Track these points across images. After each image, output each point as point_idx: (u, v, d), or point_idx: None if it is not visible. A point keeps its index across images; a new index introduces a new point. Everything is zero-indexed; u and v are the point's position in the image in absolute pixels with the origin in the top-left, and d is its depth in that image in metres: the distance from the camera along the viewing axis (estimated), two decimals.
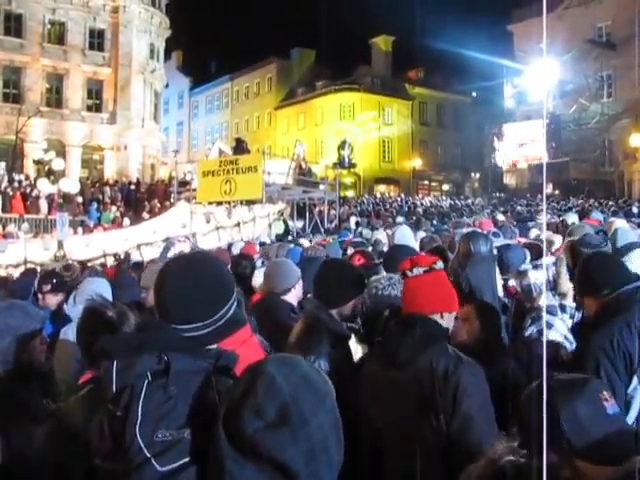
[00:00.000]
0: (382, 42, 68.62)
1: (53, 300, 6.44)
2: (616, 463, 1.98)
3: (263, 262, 9.05)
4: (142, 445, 1.90)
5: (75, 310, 4.70)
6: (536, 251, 6.64)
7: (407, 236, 8.54)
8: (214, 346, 2.22)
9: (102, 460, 2.04)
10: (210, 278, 2.27)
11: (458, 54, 51.84)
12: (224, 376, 2.07)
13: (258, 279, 6.30)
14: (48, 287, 6.57)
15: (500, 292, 4.40)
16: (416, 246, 7.95)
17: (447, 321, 3.31)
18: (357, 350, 4.04)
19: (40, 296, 6.53)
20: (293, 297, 5.37)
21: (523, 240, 9.35)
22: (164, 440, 1.91)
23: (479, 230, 7.75)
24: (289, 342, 3.89)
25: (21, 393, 3.08)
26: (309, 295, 5.15)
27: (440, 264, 3.45)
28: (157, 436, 1.91)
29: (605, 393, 2.21)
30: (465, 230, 8.07)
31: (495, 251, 6.29)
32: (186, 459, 1.91)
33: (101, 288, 5.25)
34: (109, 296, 5.01)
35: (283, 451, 1.63)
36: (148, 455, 1.89)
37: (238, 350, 2.27)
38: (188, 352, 2.09)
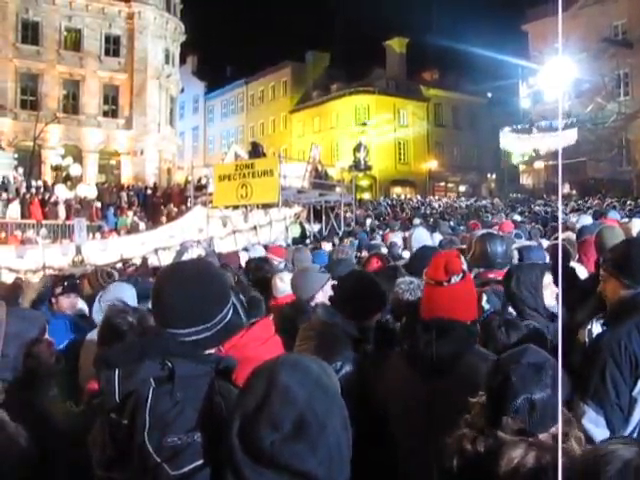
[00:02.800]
0: (396, 44, 68.51)
1: (66, 303, 6.43)
2: None
3: (285, 265, 9.03)
4: (151, 451, 1.91)
5: (100, 317, 4.69)
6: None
7: (424, 238, 8.51)
8: (212, 351, 2.27)
9: (105, 470, 2.05)
10: (207, 282, 2.30)
11: (473, 55, 51.78)
12: (225, 380, 2.12)
13: (281, 283, 6.25)
14: (60, 290, 6.56)
15: (550, 301, 4.25)
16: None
17: None
18: None
19: (54, 300, 6.52)
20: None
21: (545, 242, 9.21)
22: (174, 445, 1.91)
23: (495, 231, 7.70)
24: (303, 346, 3.85)
25: (32, 398, 3.08)
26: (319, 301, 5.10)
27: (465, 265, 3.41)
28: (166, 441, 1.92)
29: None
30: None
31: (516, 253, 6.24)
32: (198, 462, 1.91)
33: (126, 293, 5.22)
34: (134, 301, 4.96)
35: (303, 462, 1.66)
36: (158, 460, 1.90)
37: (258, 348, 2.38)
38: (190, 357, 2.12)
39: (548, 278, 4.28)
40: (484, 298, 4.38)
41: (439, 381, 3.03)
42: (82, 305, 6.58)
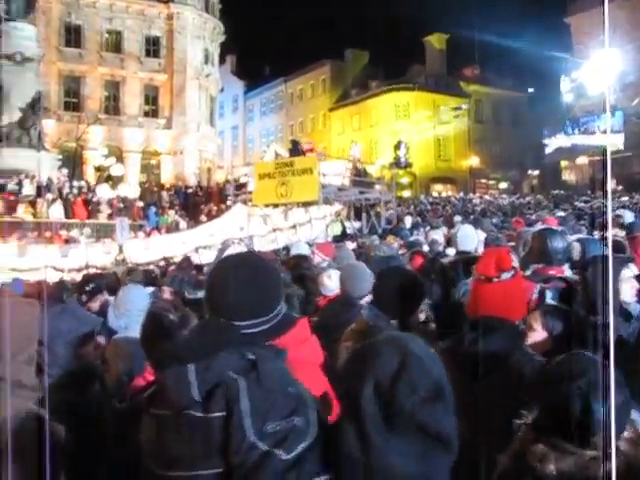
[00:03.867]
0: (436, 40, 68.08)
1: (95, 304, 6.42)
2: None
3: (328, 263, 8.94)
4: (256, 439, 1.90)
5: (119, 323, 4.51)
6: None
7: (470, 235, 8.35)
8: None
9: (166, 469, 1.99)
10: (265, 275, 2.34)
11: (514, 49, 51.27)
12: None
13: (328, 281, 6.14)
14: (88, 291, 6.58)
15: (629, 296, 4.06)
16: (480, 246, 7.77)
17: None
18: None
19: (83, 300, 6.52)
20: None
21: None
22: (276, 431, 1.92)
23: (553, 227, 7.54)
24: (346, 345, 3.77)
25: (76, 395, 3.10)
26: (364, 301, 5.01)
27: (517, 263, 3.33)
28: (267, 429, 1.92)
29: None
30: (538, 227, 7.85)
31: (577, 245, 6.08)
32: (306, 442, 1.93)
33: (138, 297, 4.99)
34: (144, 303, 4.80)
35: (440, 422, 1.84)
36: (265, 448, 1.90)
37: (298, 348, 2.31)
38: (261, 348, 2.13)
39: (629, 271, 4.11)
40: (548, 295, 4.24)
41: (484, 380, 2.97)
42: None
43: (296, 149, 28.97)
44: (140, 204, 33.51)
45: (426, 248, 10.10)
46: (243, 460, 1.89)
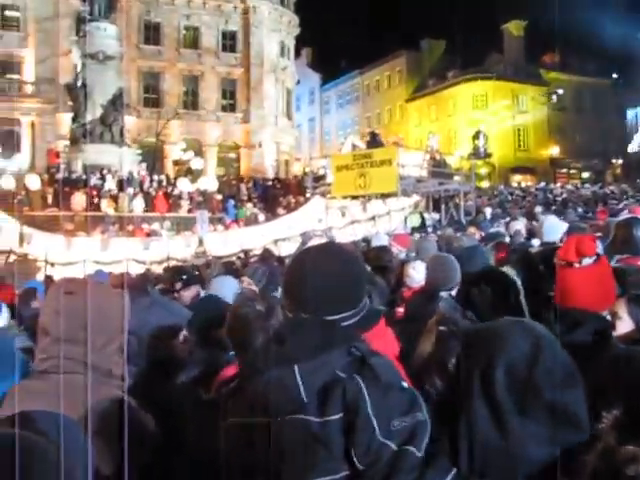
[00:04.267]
0: (514, 27, 66.73)
1: (187, 296, 6.44)
2: None
3: (407, 255, 8.81)
4: (385, 439, 1.81)
5: None
6: None
7: (555, 226, 8.08)
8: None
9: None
10: (352, 265, 2.25)
11: (595, 34, 49.71)
12: None
13: (413, 272, 6.03)
14: (179, 284, 6.58)
15: None
16: (565, 237, 7.51)
17: None
18: None
19: (175, 294, 6.55)
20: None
21: None
22: (402, 427, 1.84)
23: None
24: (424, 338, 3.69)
25: (161, 386, 3.09)
26: (443, 293, 4.90)
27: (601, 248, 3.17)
28: (393, 426, 1.83)
29: None
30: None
31: None
32: (428, 437, 1.86)
33: (230, 288, 5.02)
34: (234, 293, 4.78)
35: (576, 406, 1.81)
36: (396, 447, 1.81)
37: (378, 341, 2.22)
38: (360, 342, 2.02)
39: None
40: None
41: None
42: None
43: (375, 141, 28.86)
44: (219, 197, 33.87)
45: (507, 240, 9.84)
46: (374, 462, 1.81)
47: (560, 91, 62.33)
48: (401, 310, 5.34)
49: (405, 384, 1.95)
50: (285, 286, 2.23)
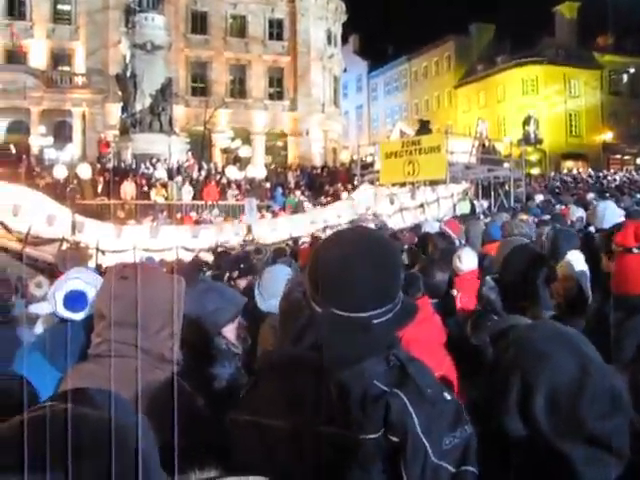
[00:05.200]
0: (566, 9, 65.45)
1: (243, 284, 6.42)
2: None
3: (460, 242, 8.69)
4: (438, 460, 1.64)
5: (268, 304, 4.42)
6: None
7: (613, 211, 7.83)
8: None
9: None
10: (389, 253, 1.93)
11: None
12: None
13: (463, 258, 5.91)
14: (236, 273, 6.56)
15: None
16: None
17: None
18: None
19: (231, 282, 6.51)
20: None
21: None
22: (454, 445, 1.67)
23: None
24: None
25: (211, 374, 3.07)
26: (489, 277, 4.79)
27: None
28: (444, 445, 1.66)
29: None
30: None
31: None
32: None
33: (285, 276, 4.84)
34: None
35: (619, 434, 1.64)
36: (452, 468, 1.65)
37: (415, 328, 2.16)
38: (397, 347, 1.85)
39: None
40: None
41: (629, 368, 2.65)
42: None
43: (424, 129, 28.62)
44: (267, 185, 33.98)
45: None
46: None
47: (631, 70, 60.91)
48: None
49: (447, 394, 1.76)
50: (311, 275, 1.87)
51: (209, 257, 15.75)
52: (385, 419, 1.65)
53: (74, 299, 3.36)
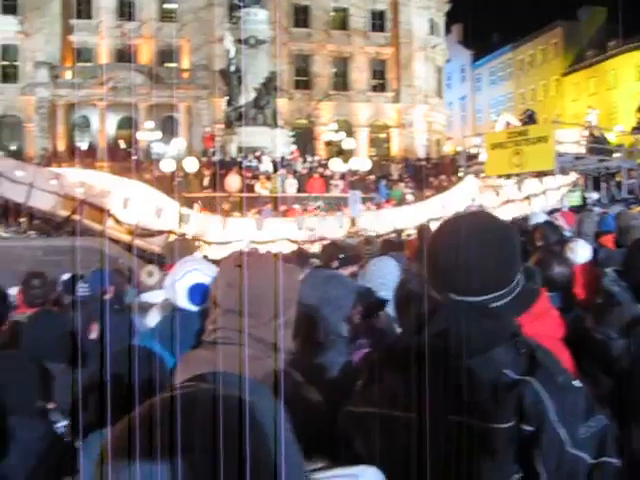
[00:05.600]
0: None
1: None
2: None
3: (573, 232, 8.41)
4: (577, 451, 1.57)
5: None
6: None
7: None
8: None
9: None
10: (506, 233, 1.94)
11: None
12: None
13: (577, 250, 5.67)
14: (336, 263, 6.49)
15: None
16: None
17: None
18: None
19: None
20: None
21: None
22: (590, 435, 1.60)
23: None
24: None
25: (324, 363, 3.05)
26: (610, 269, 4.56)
27: None
28: (580, 435, 1.59)
29: None
30: None
31: None
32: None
33: (392, 268, 4.78)
34: (395, 275, 4.57)
35: None
36: (591, 459, 1.57)
37: (535, 323, 2.03)
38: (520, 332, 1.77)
39: None
40: None
41: None
42: None
43: (531, 120, 27.92)
44: (371, 177, 33.93)
45: None
46: (569, 477, 1.58)
47: None
48: None
49: (576, 382, 1.69)
50: (430, 260, 1.88)
51: (313, 249, 15.89)
52: (518, 408, 1.61)
53: (196, 291, 3.48)
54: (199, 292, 3.40)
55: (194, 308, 3.42)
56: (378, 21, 54.98)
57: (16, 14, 49.78)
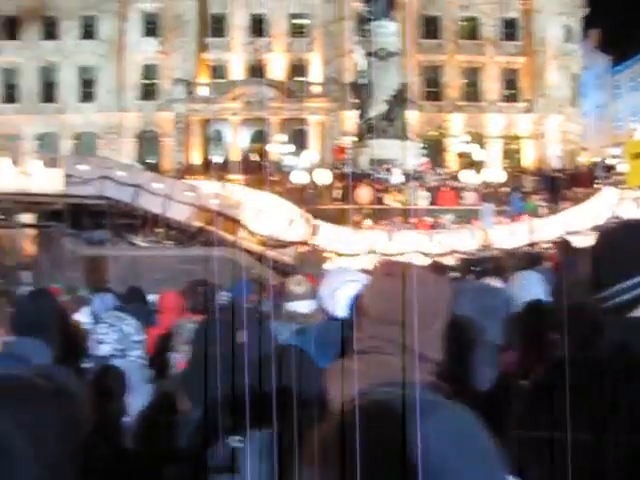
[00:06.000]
0: None
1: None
2: None
3: None
4: None
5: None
6: None
7: None
8: None
9: None
10: None
11: None
12: None
13: None
14: (472, 276, 6.35)
15: None
16: None
17: None
18: None
19: None
20: None
21: None
22: None
23: None
24: None
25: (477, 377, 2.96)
26: None
27: None
28: None
29: None
30: None
31: None
32: None
33: (536, 283, 4.72)
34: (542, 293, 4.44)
35: None
36: None
37: None
38: None
39: None
40: None
41: None
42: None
43: None
44: (504, 189, 33.27)
45: None
46: None
47: None
48: None
49: None
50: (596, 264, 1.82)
51: (446, 261, 15.68)
52: None
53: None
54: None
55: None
56: (509, 29, 54.00)
57: (156, 35, 52.13)
